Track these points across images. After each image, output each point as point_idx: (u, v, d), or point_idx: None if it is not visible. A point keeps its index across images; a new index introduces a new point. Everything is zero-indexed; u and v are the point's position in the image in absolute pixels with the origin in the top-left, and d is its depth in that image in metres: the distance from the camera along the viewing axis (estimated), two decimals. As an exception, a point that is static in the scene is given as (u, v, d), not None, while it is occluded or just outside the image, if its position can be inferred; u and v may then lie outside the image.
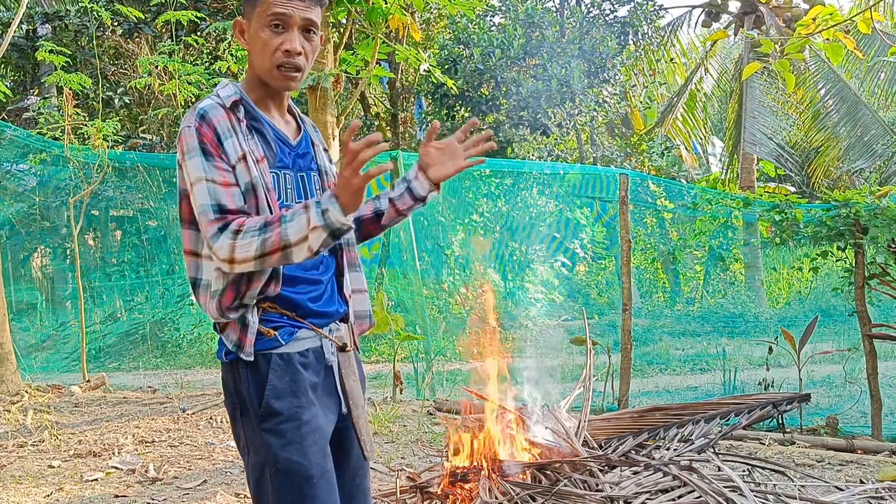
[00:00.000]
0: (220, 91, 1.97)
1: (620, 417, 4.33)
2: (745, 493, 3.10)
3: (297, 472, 1.89)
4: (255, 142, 1.94)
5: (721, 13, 17.34)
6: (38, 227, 10.27)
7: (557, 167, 11.84)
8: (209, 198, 1.83)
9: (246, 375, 1.91)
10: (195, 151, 1.85)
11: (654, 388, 7.96)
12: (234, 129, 1.90)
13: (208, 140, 1.86)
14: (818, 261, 6.69)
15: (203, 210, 1.83)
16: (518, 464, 3.27)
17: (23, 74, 13.47)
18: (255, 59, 1.96)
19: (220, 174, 1.85)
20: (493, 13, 15.43)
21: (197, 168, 1.85)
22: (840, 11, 4.24)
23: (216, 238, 1.81)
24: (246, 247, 1.78)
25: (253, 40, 1.95)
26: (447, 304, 10.56)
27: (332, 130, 6.42)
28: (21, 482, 4.40)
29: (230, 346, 1.92)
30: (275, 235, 1.77)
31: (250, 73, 2.02)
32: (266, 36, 1.91)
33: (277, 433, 1.89)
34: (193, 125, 1.86)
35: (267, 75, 1.95)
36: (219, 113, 1.90)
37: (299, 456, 1.89)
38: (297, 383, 1.93)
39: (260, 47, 1.93)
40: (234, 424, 2.01)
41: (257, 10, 1.92)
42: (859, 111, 15.03)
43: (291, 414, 1.90)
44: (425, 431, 5.51)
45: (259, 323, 1.91)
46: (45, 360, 9.14)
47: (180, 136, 1.89)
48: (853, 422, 6.23)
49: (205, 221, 1.83)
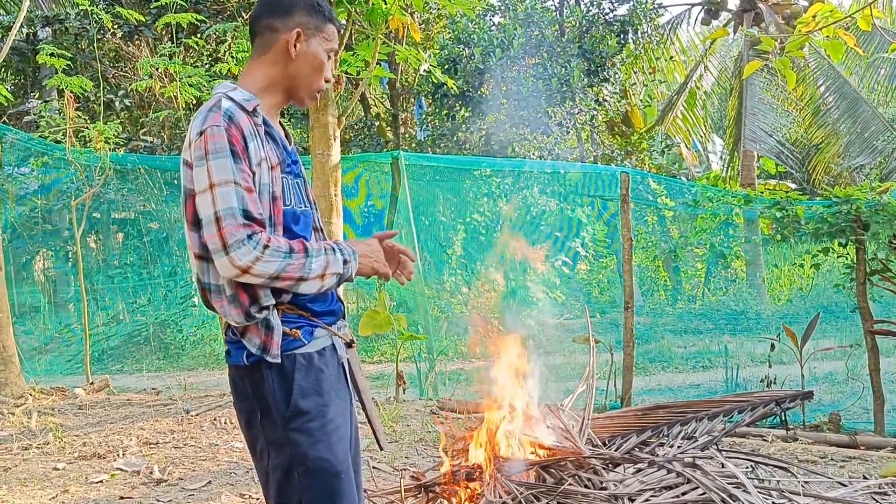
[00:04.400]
0: (234, 94, 1.97)
1: (624, 415, 4.34)
2: (749, 490, 3.11)
3: (327, 470, 1.94)
4: (270, 147, 1.98)
5: (720, 11, 17.33)
6: (41, 230, 10.29)
7: (558, 166, 11.83)
8: (238, 202, 1.83)
9: (270, 377, 1.94)
10: (224, 152, 1.84)
11: (657, 386, 7.97)
12: (255, 133, 1.93)
13: (237, 142, 1.86)
14: (819, 257, 6.70)
15: (230, 212, 1.82)
16: (522, 462, 3.28)
17: (24, 78, 13.47)
18: (304, 75, 2.04)
19: (246, 179, 1.86)
20: (493, 13, 15.42)
21: (226, 169, 1.83)
22: (840, 8, 4.25)
23: (241, 244, 1.80)
24: (268, 264, 1.82)
25: (309, 57, 2.03)
26: (449, 304, 10.56)
27: (333, 131, 6.43)
28: (26, 484, 4.41)
29: (254, 350, 1.94)
30: (297, 264, 1.86)
31: (273, 80, 2.05)
32: (324, 60, 2.06)
33: (306, 432, 1.93)
34: (223, 125, 1.86)
35: (304, 91, 2.07)
36: (242, 116, 1.91)
37: (328, 453, 1.94)
38: (320, 382, 1.98)
39: (315, 67, 2.04)
40: (249, 429, 2.03)
41: (322, 35, 2.05)
42: (859, 108, 15.03)
43: (318, 412, 1.96)
44: (428, 431, 5.52)
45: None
46: (48, 363, 9.16)
47: (203, 135, 1.86)
48: (856, 418, 6.23)
49: (231, 224, 1.81)
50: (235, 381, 2.03)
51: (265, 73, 2.04)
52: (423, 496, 3.47)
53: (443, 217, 10.89)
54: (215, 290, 1.94)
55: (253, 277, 1.83)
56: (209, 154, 1.84)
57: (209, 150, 1.84)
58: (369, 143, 14.98)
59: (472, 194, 11.25)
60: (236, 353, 1.99)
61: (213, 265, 1.90)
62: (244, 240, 1.81)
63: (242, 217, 1.82)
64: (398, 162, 8.63)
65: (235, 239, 1.80)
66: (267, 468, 1.99)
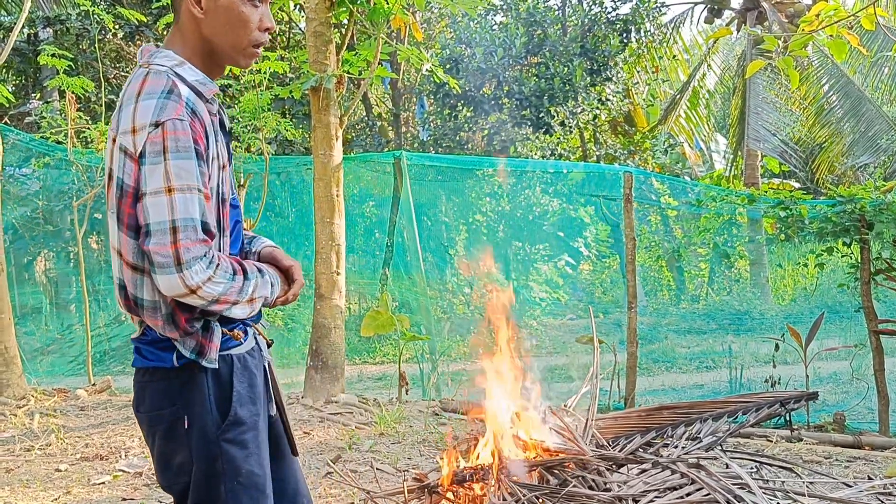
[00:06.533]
0: (182, 72, 1.71)
1: (628, 416, 4.32)
2: (754, 490, 3.09)
3: (257, 485, 1.77)
4: (223, 143, 1.78)
5: (723, 9, 17.30)
6: (42, 230, 10.28)
7: (560, 166, 11.82)
8: (199, 212, 1.62)
9: (205, 382, 1.74)
10: (188, 153, 1.60)
11: (661, 386, 7.95)
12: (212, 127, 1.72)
13: (200, 140, 1.64)
14: (823, 257, 6.68)
15: (191, 224, 1.60)
16: (525, 463, 3.26)
17: (25, 79, 13.48)
18: (222, 34, 1.74)
19: (206, 185, 1.65)
20: (495, 12, 15.42)
21: (189, 174, 1.60)
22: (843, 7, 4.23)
23: (196, 261, 1.59)
24: (216, 286, 1.63)
25: (225, 12, 1.72)
26: (451, 305, 10.55)
27: (335, 131, 6.42)
28: (29, 486, 4.40)
29: (187, 353, 1.72)
30: (235, 287, 1.68)
31: (192, 47, 1.76)
32: (247, 10, 1.73)
33: (241, 444, 1.76)
34: (186, 119, 1.62)
35: (234, 53, 1.77)
36: (201, 106, 1.70)
37: (259, 468, 1.79)
38: (253, 388, 1.82)
39: (235, 21, 1.73)
40: (167, 441, 1.77)
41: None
42: (863, 106, 14.99)
43: (252, 423, 1.79)
44: (431, 432, 5.51)
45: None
46: (50, 364, 9.15)
47: (161, 128, 1.59)
48: (860, 418, 6.22)
49: (190, 239, 1.59)
50: (154, 385, 1.76)
51: (182, 43, 1.76)
52: (426, 497, 3.46)
53: (445, 218, 10.87)
54: (150, 307, 1.69)
55: (197, 299, 1.62)
56: (169, 152, 1.58)
57: (170, 148, 1.59)
58: (371, 143, 14.97)
59: (475, 194, 11.23)
60: (160, 354, 1.75)
61: (150, 279, 1.66)
62: (200, 257, 1.60)
63: (202, 230, 1.62)
64: (400, 162, 8.62)
65: (192, 255, 1.59)
66: (185, 483, 1.77)
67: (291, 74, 10.32)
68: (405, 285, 9.42)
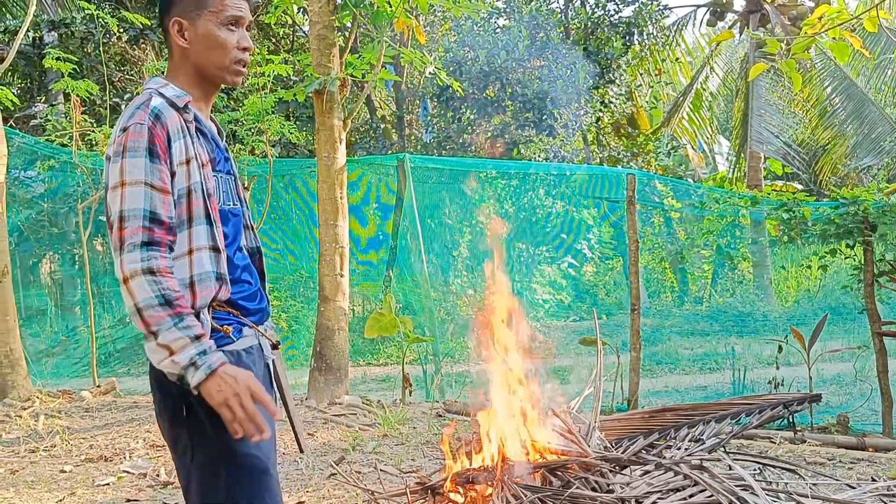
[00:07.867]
0: (164, 90, 1.95)
1: (631, 418, 4.33)
2: (757, 492, 3.09)
3: (256, 466, 1.91)
4: (201, 145, 1.96)
5: (726, 12, 17.31)
6: (47, 233, 10.31)
7: (564, 168, 11.82)
8: (144, 203, 1.79)
9: None
10: (141, 151, 1.81)
11: (664, 388, 7.95)
12: (183, 131, 1.90)
13: (159, 142, 1.83)
14: (827, 259, 6.67)
15: (133, 213, 1.78)
16: (528, 465, 3.27)
17: (30, 82, 13.51)
18: (206, 58, 1.98)
19: (163, 180, 1.83)
20: (498, 15, 15.44)
21: (139, 169, 1.80)
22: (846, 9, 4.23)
23: (135, 250, 1.76)
24: (144, 291, 1.74)
25: (204, 39, 1.98)
26: (455, 306, 10.56)
27: (338, 134, 6.44)
28: (34, 487, 4.42)
29: None
30: (160, 317, 1.73)
31: (186, 72, 2.01)
32: (223, 35, 1.98)
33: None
34: (147, 123, 1.83)
35: (221, 72, 2.01)
36: (171, 114, 1.89)
37: (255, 450, 1.90)
38: None
39: (215, 45, 1.98)
40: (171, 426, 1.93)
41: (209, 11, 1.98)
42: (866, 108, 14.98)
43: None
44: (434, 433, 5.52)
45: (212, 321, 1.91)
46: (55, 366, 9.17)
47: (126, 132, 1.83)
48: (864, 420, 6.21)
49: (133, 226, 1.77)
50: (157, 376, 1.90)
51: (177, 71, 2.02)
52: (429, 499, 3.46)
53: (448, 220, 10.88)
54: None
55: (127, 296, 1.75)
56: (126, 151, 1.81)
57: (127, 148, 1.81)
58: (375, 145, 14.99)
59: (478, 196, 11.24)
60: None
61: None
62: (139, 245, 1.76)
63: (146, 220, 1.78)
64: (404, 164, 8.63)
65: (130, 242, 1.76)
66: (190, 466, 1.92)
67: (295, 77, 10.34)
68: (409, 287, 9.44)
